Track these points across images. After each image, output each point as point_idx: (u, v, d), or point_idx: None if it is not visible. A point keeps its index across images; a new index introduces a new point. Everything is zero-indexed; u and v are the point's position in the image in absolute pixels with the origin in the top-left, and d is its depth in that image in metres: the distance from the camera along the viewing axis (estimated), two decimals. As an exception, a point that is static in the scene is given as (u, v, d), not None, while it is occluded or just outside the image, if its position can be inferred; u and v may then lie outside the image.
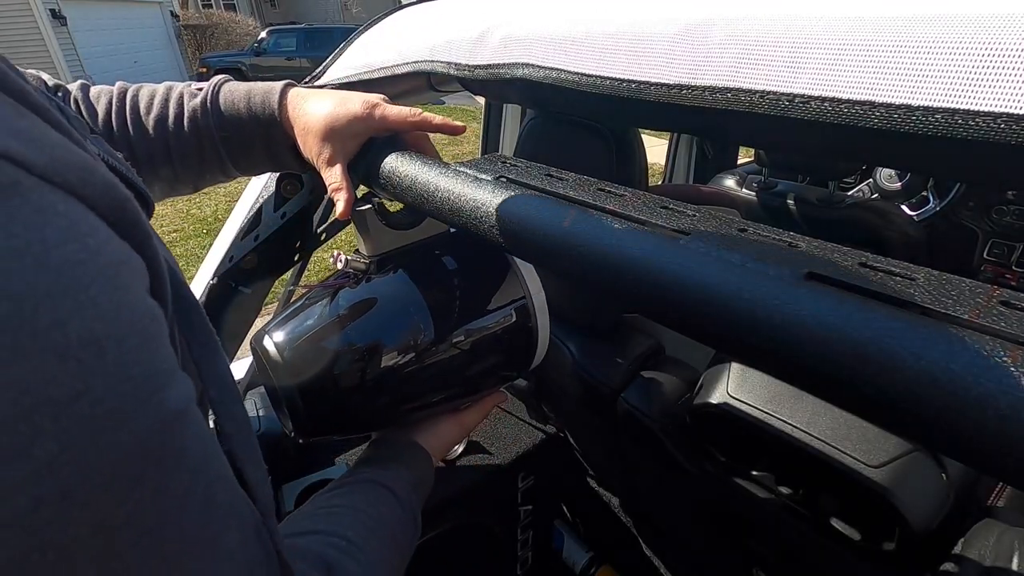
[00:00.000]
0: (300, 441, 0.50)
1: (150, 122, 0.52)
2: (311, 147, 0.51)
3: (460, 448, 1.06)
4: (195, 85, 0.55)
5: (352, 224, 0.54)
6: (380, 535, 0.41)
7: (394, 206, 0.54)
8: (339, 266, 0.52)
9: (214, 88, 0.54)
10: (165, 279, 0.24)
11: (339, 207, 0.50)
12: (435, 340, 0.49)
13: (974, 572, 0.50)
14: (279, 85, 0.54)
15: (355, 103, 0.51)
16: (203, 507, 0.22)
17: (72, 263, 0.17)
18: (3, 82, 0.20)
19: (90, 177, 0.19)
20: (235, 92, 0.54)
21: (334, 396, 0.47)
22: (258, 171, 0.60)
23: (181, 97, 0.53)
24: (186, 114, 0.53)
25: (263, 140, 0.54)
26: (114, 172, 0.25)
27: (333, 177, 0.51)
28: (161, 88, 0.54)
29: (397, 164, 0.48)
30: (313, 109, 0.51)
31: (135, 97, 0.53)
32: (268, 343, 0.47)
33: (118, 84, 0.54)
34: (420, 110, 0.53)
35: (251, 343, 0.50)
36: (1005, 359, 0.20)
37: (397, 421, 0.54)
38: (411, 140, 0.53)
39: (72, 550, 0.17)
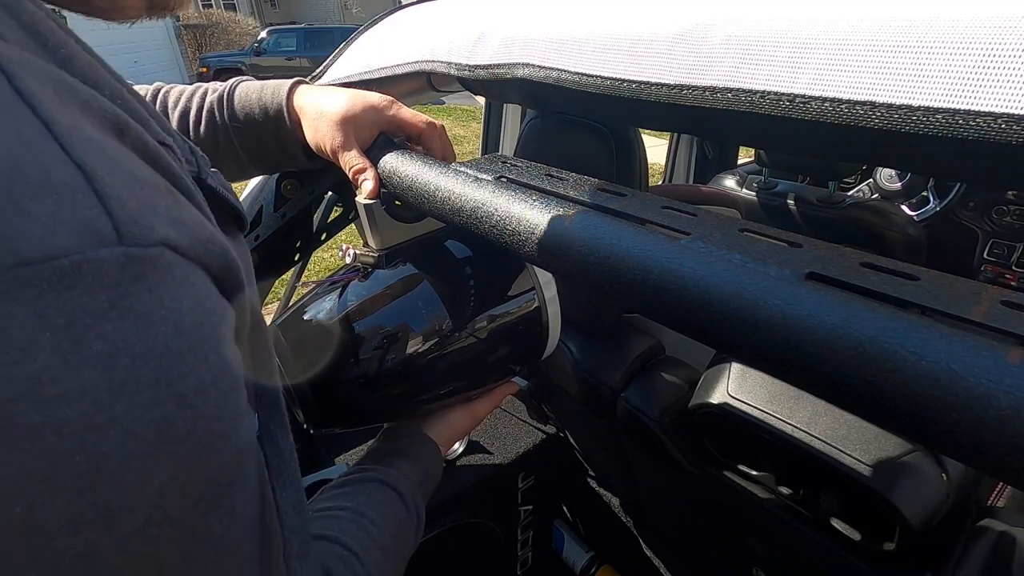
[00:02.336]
0: (311, 432, 0.50)
1: (175, 117, 0.55)
2: (324, 134, 0.51)
3: (460, 448, 1.06)
4: (218, 84, 0.58)
5: (354, 222, 0.54)
6: (382, 544, 0.41)
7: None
8: (348, 260, 0.52)
9: (232, 85, 0.56)
10: (246, 322, 0.28)
11: (367, 186, 0.50)
12: (447, 332, 0.50)
13: (974, 572, 0.50)
14: (290, 80, 0.55)
15: (372, 95, 0.52)
16: (252, 525, 0.25)
17: (196, 325, 0.21)
18: (167, 171, 0.24)
19: (212, 247, 0.23)
20: (249, 87, 0.56)
21: (344, 389, 0.48)
22: (270, 164, 0.61)
23: (205, 93, 0.56)
24: (205, 107, 0.55)
25: (272, 131, 0.55)
26: (224, 201, 0.31)
27: (353, 160, 0.50)
28: (189, 88, 0.57)
29: (398, 164, 0.48)
30: (327, 99, 0.52)
31: (166, 94, 0.56)
32: (279, 335, 0.48)
33: (154, 84, 0.58)
34: (439, 122, 0.54)
35: None
36: (1006, 359, 0.20)
37: (409, 413, 0.55)
38: (425, 141, 0.54)
39: (162, 562, 0.20)
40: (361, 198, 0.51)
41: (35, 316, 0.16)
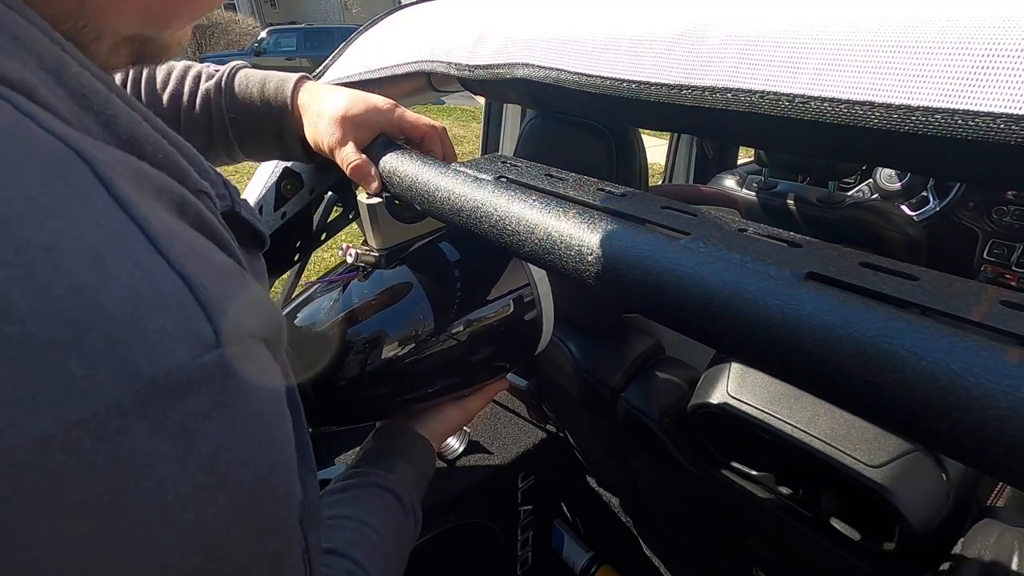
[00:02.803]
0: (310, 430, 0.51)
1: (165, 96, 0.54)
2: (323, 131, 0.51)
3: (460, 448, 1.06)
4: (212, 67, 0.56)
5: (355, 222, 0.54)
6: (384, 551, 0.42)
7: None
8: (349, 259, 0.52)
9: (230, 71, 0.55)
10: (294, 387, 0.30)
11: (372, 186, 0.50)
12: (446, 331, 0.50)
13: (974, 572, 0.50)
14: (295, 75, 0.55)
15: (375, 97, 0.52)
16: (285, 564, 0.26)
17: (275, 412, 0.22)
18: (221, 240, 0.25)
19: (274, 320, 0.24)
20: (250, 77, 0.55)
21: (345, 388, 0.48)
22: (265, 156, 0.60)
23: (198, 75, 0.55)
24: (200, 92, 0.54)
25: (273, 125, 0.55)
26: (252, 228, 0.33)
27: (350, 156, 0.50)
28: (179, 66, 0.55)
29: (398, 163, 0.49)
30: (329, 97, 0.52)
31: (153, 70, 0.55)
32: None
33: None
34: (440, 124, 0.55)
35: None
36: (1006, 359, 0.20)
37: (405, 410, 0.55)
38: (427, 143, 0.54)
39: None
40: (363, 197, 0.51)
41: (157, 429, 0.17)
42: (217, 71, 0.55)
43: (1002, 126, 0.25)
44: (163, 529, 0.17)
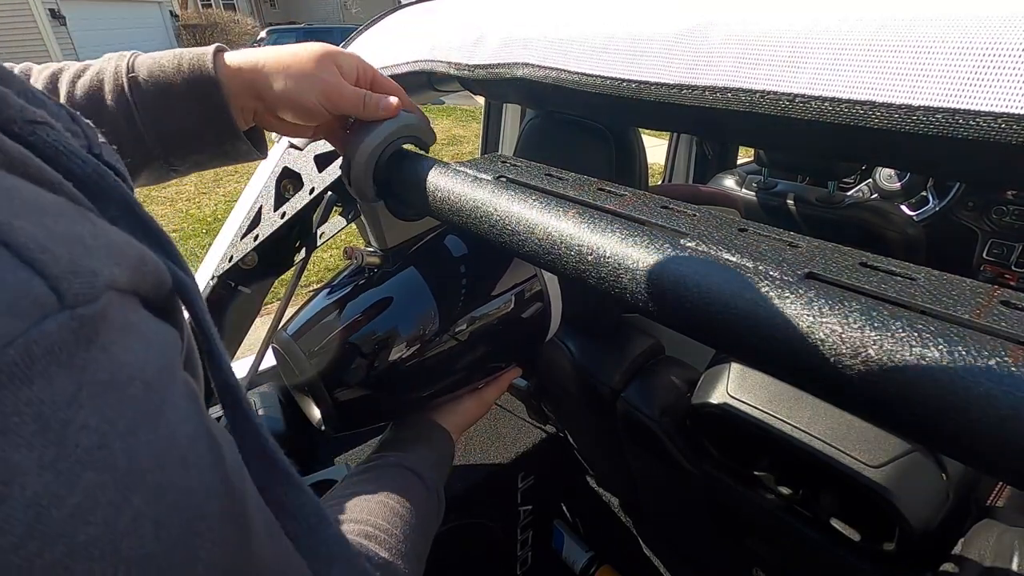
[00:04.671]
0: (328, 434, 0.51)
1: (40, 81, 0.43)
2: (305, 80, 0.43)
3: None
4: (92, 61, 0.45)
5: (354, 222, 0.54)
6: (412, 524, 0.42)
7: None
8: (355, 262, 0.52)
9: (128, 56, 0.44)
10: (194, 349, 0.25)
11: (392, 104, 0.45)
12: (458, 327, 0.51)
13: (974, 572, 0.50)
14: (208, 47, 0.45)
15: (316, 47, 0.45)
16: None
17: (160, 371, 0.18)
18: (51, 176, 0.19)
19: (145, 269, 0.19)
20: (150, 56, 0.44)
21: (363, 391, 0.48)
22: (188, 150, 0.46)
23: (80, 69, 0.44)
24: (85, 82, 0.42)
25: (197, 102, 0.43)
26: (113, 169, 0.25)
27: (357, 94, 0.45)
28: (52, 65, 0.44)
29: (396, 164, 0.48)
30: (276, 51, 0.44)
31: (24, 71, 0.43)
32: (290, 341, 0.48)
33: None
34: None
35: (274, 342, 0.51)
36: (1006, 359, 0.20)
37: (424, 406, 0.56)
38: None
39: None
40: (334, 213, 0.50)
41: (1, 434, 0.13)
42: (104, 61, 0.44)
43: (1003, 126, 0.25)
44: (66, 559, 0.13)
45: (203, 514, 0.17)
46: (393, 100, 0.45)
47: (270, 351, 0.55)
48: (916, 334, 0.21)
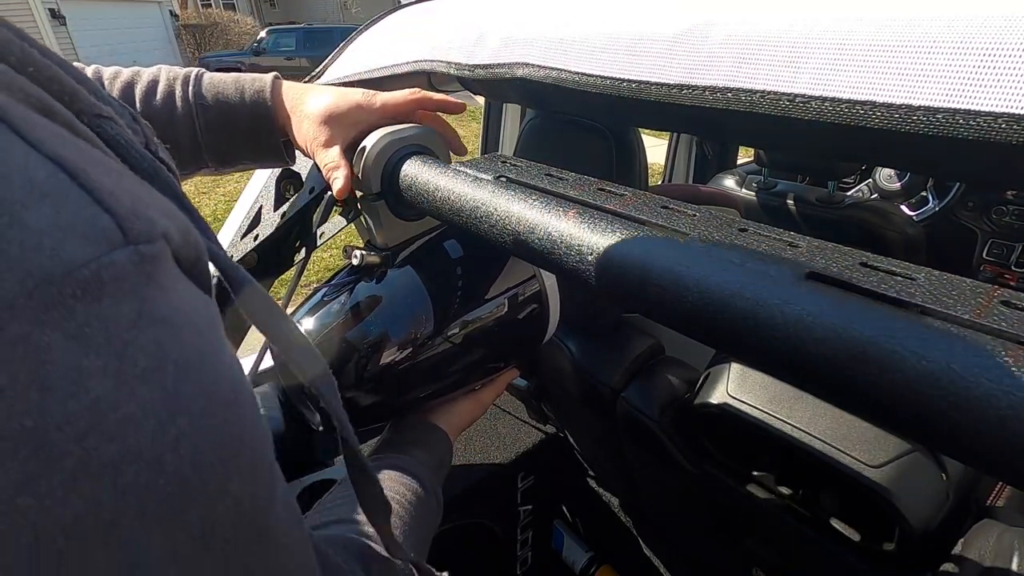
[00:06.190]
0: (325, 432, 0.51)
1: (116, 88, 0.50)
2: (307, 132, 0.50)
3: None
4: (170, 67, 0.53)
5: (354, 222, 0.54)
6: (411, 525, 0.43)
7: None
8: (354, 261, 0.52)
9: (196, 72, 0.52)
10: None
11: (336, 184, 0.48)
12: (456, 327, 0.51)
13: (974, 572, 0.50)
14: (269, 75, 0.53)
15: (356, 93, 0.51)
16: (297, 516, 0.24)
17: (209, 324, 0.19)
18: (116, 148, 0.22)
19: (189, 238, 0.21)
20: (219, 76, 0.52)
21: (361, 391, 0.48)
22: (234, 154, 0.55)
23: (157, 71, 0.52)
24: (162, 80, 0.51)
25: (248, 116, 0.52)
26: (166, 165, 0.28)
27: (330, 157, 0.49)
28: (132, 68, 0.52)
29: (397, 164, 0.49)
30: (313, 97, 0.51)
31: (98, 70, 0.51)
32: None
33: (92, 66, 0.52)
34: (419, 89, 0.52)
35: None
36: (1006, 359, 0.20)
37: (421, 407, 0.56)
38: (422, 118, 0.53)
39: (250, 567, 0.20)
40: (335, 213, 0.51)
41: (74, 340, 0.15)
42: (181, 71, 0.52)
43: (1003, 126, 0.25)
44: (118, 458, 0.15)
45: (237, 453, 0.18)
46: (338, 184, 0.48)
47: (269, 352, 0.55)
48: (916, 334, 0.21)
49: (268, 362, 0.98)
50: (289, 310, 0.53)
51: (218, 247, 0.24)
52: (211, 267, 0.23)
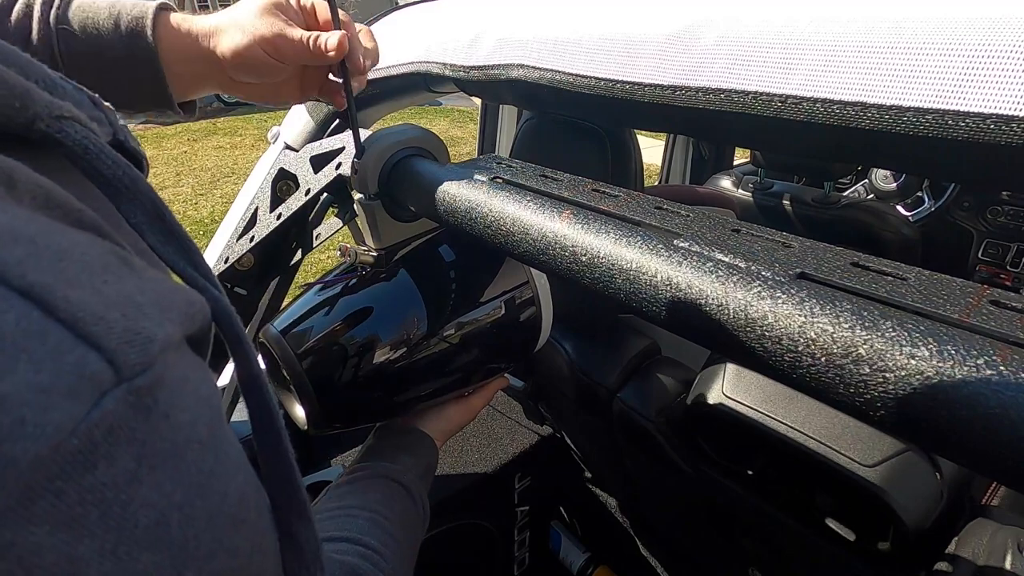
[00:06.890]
0: (311, 433, 0.51)
1: None
2: (253, 33, 0.40)
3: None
4: None
5: (349, 224, 0.54)
6: (398, 537, 0.42)
7: None
8: (348, 260, 0.52)
9: None
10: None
11: (332, 41, 0.40)
12: (445, 331, 0.51)
13: (968, 570, 0.50)
14: (153, 2, 0.42)
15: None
16: None
17: (211, 427, 0.18)
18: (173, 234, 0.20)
19: (192, 311, 0.19)
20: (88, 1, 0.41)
21: (348, 391, 0.48)
22: (109, 100, 0.41)
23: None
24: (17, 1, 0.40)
25: (126, 58, 0.40)
26: (123, 148, 0.24)
27: (304, 34, 0.41)
28: None
29: (392, 164, 0.49)
30: (221, 13, 0.42)
31: None
32: (279, 337, 0.48)
33: None
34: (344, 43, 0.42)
35: (260, 337, 0.51)
36: (994, 358, 0.20)
37: (409, 410, 0.55)
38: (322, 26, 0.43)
39: None
40: (360, 197, 0.51)
41: (65, 529, 0.13)
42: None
43: (992, 126, 0.25)
44: None
45: (248, 567, 0.18)
46: (337, 36, 0.40)
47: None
48: (906, 333, 0.22)
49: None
50: (284, 311, 0.53)
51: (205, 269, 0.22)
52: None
